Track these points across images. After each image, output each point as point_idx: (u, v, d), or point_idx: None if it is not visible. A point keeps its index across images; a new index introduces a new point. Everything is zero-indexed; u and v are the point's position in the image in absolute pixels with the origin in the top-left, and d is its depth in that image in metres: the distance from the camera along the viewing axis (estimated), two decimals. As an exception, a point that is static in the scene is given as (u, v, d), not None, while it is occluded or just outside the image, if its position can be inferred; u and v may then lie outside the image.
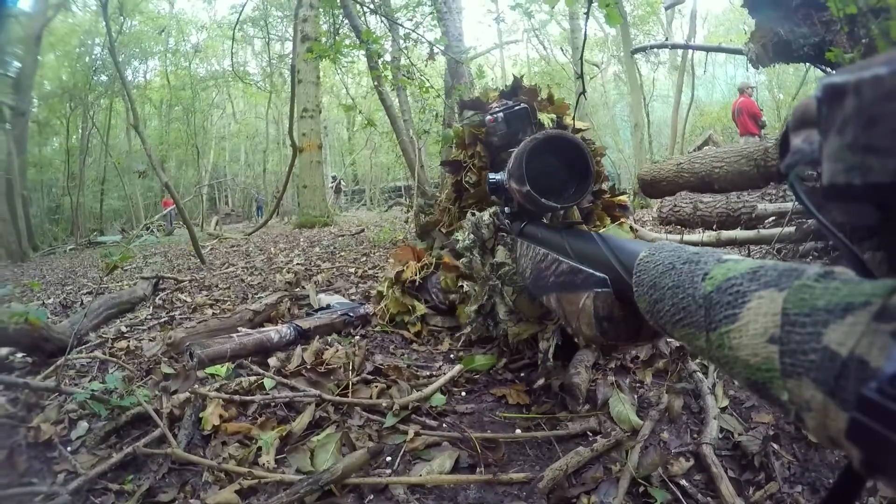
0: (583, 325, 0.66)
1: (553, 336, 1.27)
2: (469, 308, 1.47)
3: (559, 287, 0.77)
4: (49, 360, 1.72)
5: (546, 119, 1.75)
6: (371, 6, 5.51)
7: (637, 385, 1.36)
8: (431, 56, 4.74)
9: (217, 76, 17.35)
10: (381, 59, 4.43)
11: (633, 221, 3.69)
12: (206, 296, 2.87)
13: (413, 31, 4.97)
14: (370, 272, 3.23)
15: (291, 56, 7.67)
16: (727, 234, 3.02)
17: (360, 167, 21.66)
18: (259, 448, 1.10)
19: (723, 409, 1.15)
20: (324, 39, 6.00)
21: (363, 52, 4.44)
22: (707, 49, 9.70)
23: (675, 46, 10.04)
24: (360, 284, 2.88)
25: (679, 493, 0.92)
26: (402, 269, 2.07)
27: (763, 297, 0.32)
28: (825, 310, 0.28)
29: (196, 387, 1.34)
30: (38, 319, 1.50)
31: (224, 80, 17.01)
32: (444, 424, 1.23)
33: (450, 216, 2.18)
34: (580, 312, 0.66)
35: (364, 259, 3.86)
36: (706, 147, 7.32)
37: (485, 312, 1.43)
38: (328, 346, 1.68)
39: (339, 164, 22.10)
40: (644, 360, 1.46)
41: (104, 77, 13.80)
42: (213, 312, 2.42)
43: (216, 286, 3.16)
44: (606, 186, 1.88)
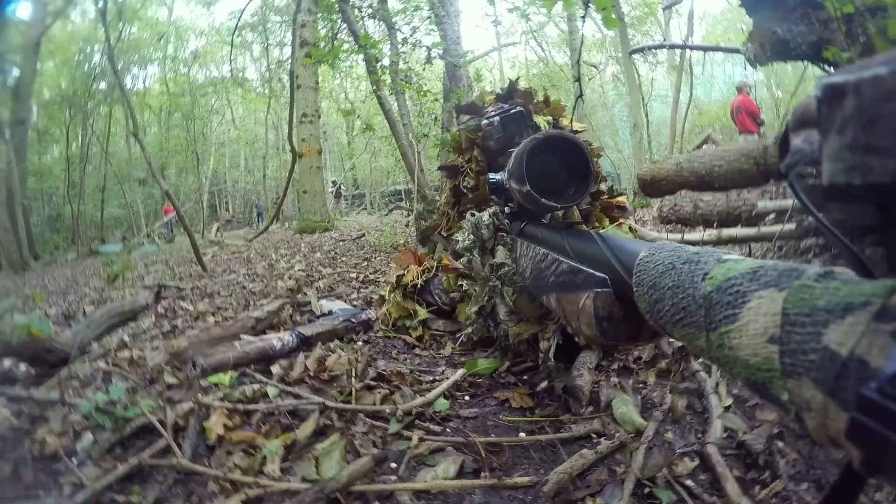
0: (583, 325, 0.66)
1: (554, 336, 1.27)
2: (469, 309, 1.47)
3: (559, 287, 0.77)
4: (52, 371, 1.71)
5: (542, 121, 1.75)
6: (369, 11, 5.53)
7: (640, 386, 1.36)
8: (429, 60, 4.76)
9: (216, 82, 17.38)
10: (380, 64, 4.44)
11: (634, 221, 3.68)
12: (209, 303, 2.87)
13: (411, 36, 4.98)
14: (372, 277, 3.23)
15: (290, 61, 7.69)
16: (728, 233, 3.01)
17: (360, 171, 21.66)
18: (264, 457, 1.10)
19: (726, 408, 1.15)
20: (322, 44, 6.02)
21: (362, 57, 4.45)
22: (705, 49, 9.72)
23: (673, 47, 10.05)
24: (362, 289, 2.88)
25: (684, 494, 0.91)
26: (403, 274, 2.07)
27: (763, 297, 0.33)
28: (825, 310, 0.28)
29: (199, 396, 1.34)
30: (41, 332, 1.50)
31: (223, 86, 17.04)
32: (448, 429, 1.23)
33: (449, 220, 2.19)
34: (580, 312, 0.66)
35: (365, 264, 3.86)
36: (705, 146, 7.32)
37: (485, 313, 1.43)
38: (331, 353, 1.67)
39: (339, 169, 22.10)
40: (647, 361, 1.45)
41: (103, 84, 13.82)
42: (216, 320, 2.42)
43: (218, 293, 3.16)
44: (605, 187, 1.88)
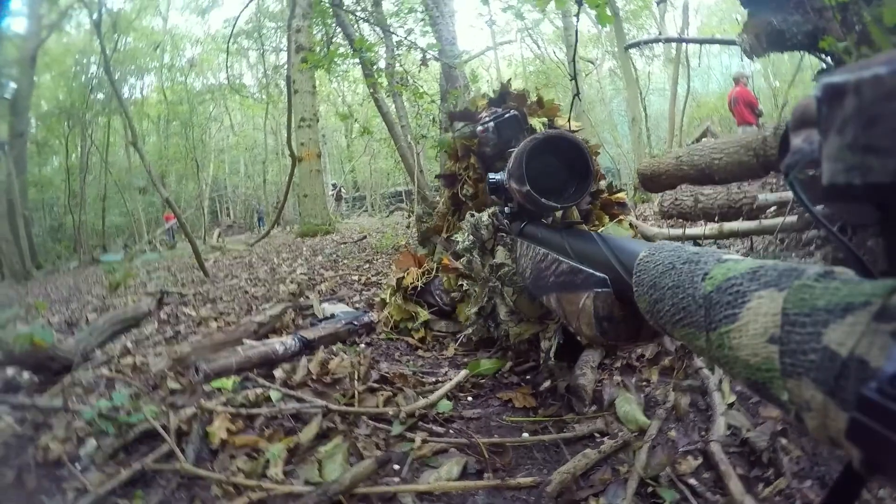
0: (583, 325, 0.66)
1: (555, 335, 1.27)
2: (470, 310, 1.47)
3: (559, 287, 0.77)
4: (55, 379, 1.72)
5: (537, 123, 1.75)
6: (363, 15, 5.53)
7: (643, 384, 1.35)
8: (424, 62, 4.75)
9: (213, 89, 17.40)
10: (376, 67, 4.44)
11: (635, 217, 3.67)
12: (211, 309, 2.87)
13: (405, 39, 4.97)
14: (374, 279, 3.23)
15: (286, 67, 7.69)
16: (729, 226, 3.00)
17: (360, 174, 21.68)
18: (267, 460, 1.10)
19: (730, 406, 1.14)
20: (318, 49, 6.01)
21: (358, 61, 4.44)
22: (701, 41, 9.70)
23: (669, 40, 10.03)
24: (364, 292, 2.88)
25: (688, 492, 0.91)
26: (403, 277, 2.07)
27: (763, 297, 0.32)
28: (825, 310, 0.27)
29: (202, 401, 1.34)
30: (44, 340, 1.51)
31: (221, 94, 17.07)
32: (451, 430, 1.23)
33: (449, 226, 2.19)
34: (580, 312, 0.66)
35: (367, 266, 3.86)
36: (704, 139, 7.32)
37: (485, 314, 1.43)
38: (333, 356, 1.67)
39: (339, 172, 22.13)
40: (650, 359, 1.45)
41: (101, 95, 13.85)
42: (218, 325, 2.42)
43: (220, 298, 3.17)
44: (604, 185, 1.88)
